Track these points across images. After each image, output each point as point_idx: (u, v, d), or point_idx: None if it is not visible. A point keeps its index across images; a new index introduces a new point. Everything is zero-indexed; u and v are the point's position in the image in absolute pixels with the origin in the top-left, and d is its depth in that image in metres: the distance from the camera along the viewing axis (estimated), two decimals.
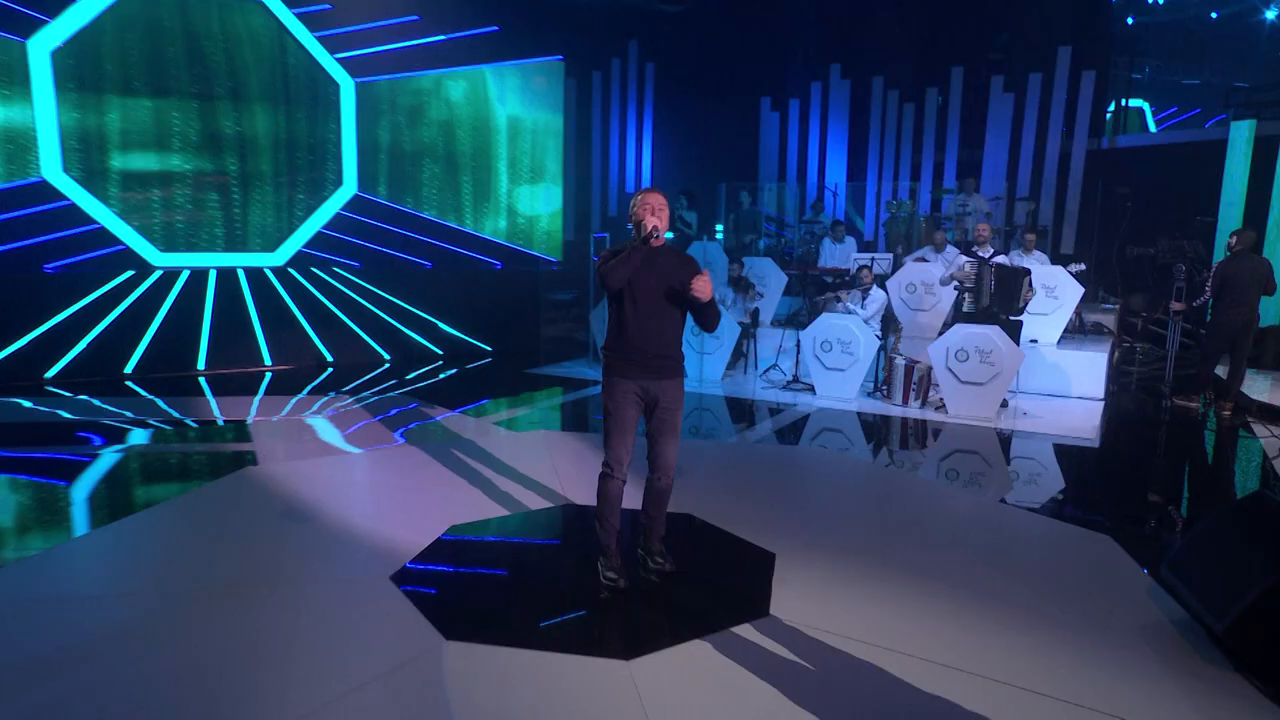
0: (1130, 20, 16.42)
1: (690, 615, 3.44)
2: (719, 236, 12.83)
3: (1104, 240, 10.93)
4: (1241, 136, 11.22)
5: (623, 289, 3.67)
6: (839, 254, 9.91)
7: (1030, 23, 13.38)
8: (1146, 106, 18.87)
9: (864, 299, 8.38)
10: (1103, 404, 7.80)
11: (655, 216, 3.65)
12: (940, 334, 8.65)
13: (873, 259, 9.24)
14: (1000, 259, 7.82)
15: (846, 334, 7.80)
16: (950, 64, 13.79)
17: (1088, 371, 7.90)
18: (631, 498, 4.31)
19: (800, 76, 15.29)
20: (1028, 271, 7.62)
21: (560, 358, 10.41)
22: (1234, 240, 7.30)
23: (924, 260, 9.56)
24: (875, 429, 7.05)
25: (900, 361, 7.65)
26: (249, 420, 6.83)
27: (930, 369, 7.52)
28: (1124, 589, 3.75)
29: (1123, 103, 14.53)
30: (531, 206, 12.24)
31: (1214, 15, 18.00)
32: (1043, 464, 6.10)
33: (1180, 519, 4.94)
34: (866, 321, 8.10)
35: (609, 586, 3.72)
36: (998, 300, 7.53)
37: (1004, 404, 7.39)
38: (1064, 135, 12.79)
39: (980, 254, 7.71)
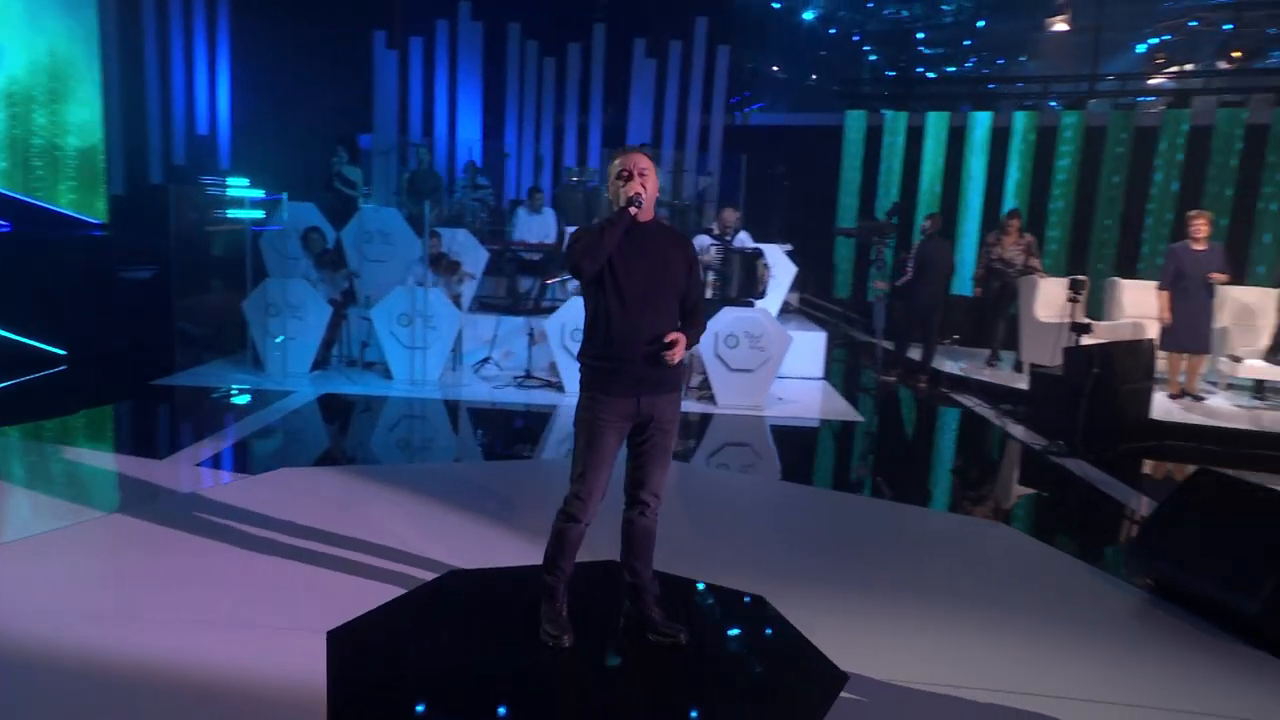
0: None
1: (757, 704, 3.09)
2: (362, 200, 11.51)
3: (763, 218, 12.38)
4: (856, 125, 13.62)
5: (603, 277, 3.16)
6: (537, 226, 9.68)
7: None
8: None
9: None
10: (824, 383, 8.90)
11: (638, 181, 3.19)
12: None
13: None
14: (740, 242, 8.41)
15: None
16: (592, 19, 14.27)
17: (809, 352, 8.93)
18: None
19: (422, 11, 14.46)
20: (760, 252, 8.32)
21: (191, 360, 8.50)
22: (928, 224, 8.87)
23: None
24: (685, 431, 7.11)
25: None
26: None
27: (694, 357, 7.80)
28: (1065, 577, 4.31)
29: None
30: (52, 143, 9.69)
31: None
32: (847, 451, 6.80)
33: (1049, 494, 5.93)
34: None
35: (552, 646, 3.25)
36: (742, 285, 8.10)
37: None
38: (703, 109, 14.15)
39: (727, 239, 8.20)
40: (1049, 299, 8.58)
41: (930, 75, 18.80)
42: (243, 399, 7.26)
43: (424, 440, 6.65)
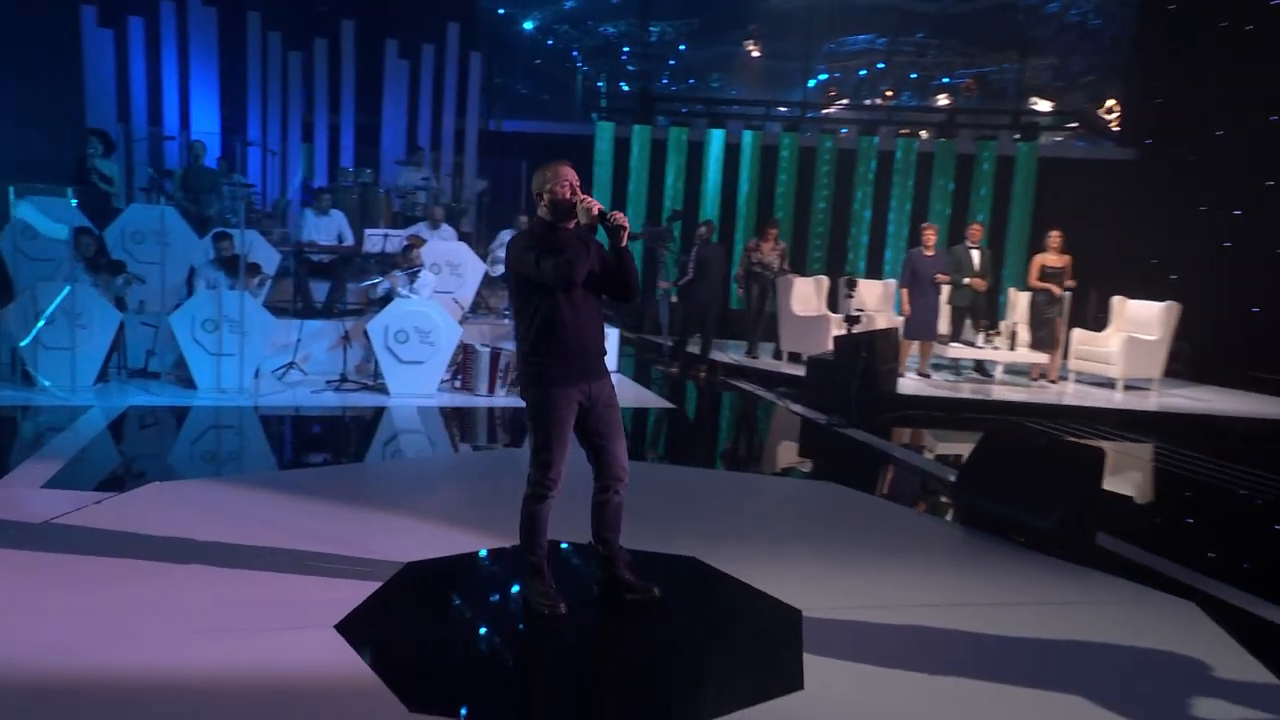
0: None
1: (743, 644, 3.65)
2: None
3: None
4: (605, 135, 14.48)
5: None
6: (325, 228, 9.36)
7: None
8: None
9: (412, 282, 8.35)
10: (618, 374, 9.58)
11: (579, 193, 3.59)
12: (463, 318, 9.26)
13: (386, 235, 9.14)
14: None
15: (425, 322, 7.74)
16: (341, 16, 13.79)
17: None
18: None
19: None
20: None
21: None
22: (704, 229, 9.86)
23: (421, 238, 9.85)
24: (511, 423, 7.45)
25: (485, 350, 8.02)
26: None
27: (515, 355, 8.12)
28: (896, 519, 5.31)
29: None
30: None
31: None
32: (670, 432, 7.52)
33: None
34: None
35: (548, 614, 3.58)
36: None
37: None
38: (457, 113, 14.25)
39: None
40: (803, 296, 9.94)
41: (622, 89, 20.24)
42: (35, 417, 6.46)
43: (277, 447, 6.41)
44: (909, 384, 9.04)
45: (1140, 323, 9.75)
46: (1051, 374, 9.73)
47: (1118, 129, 15.76)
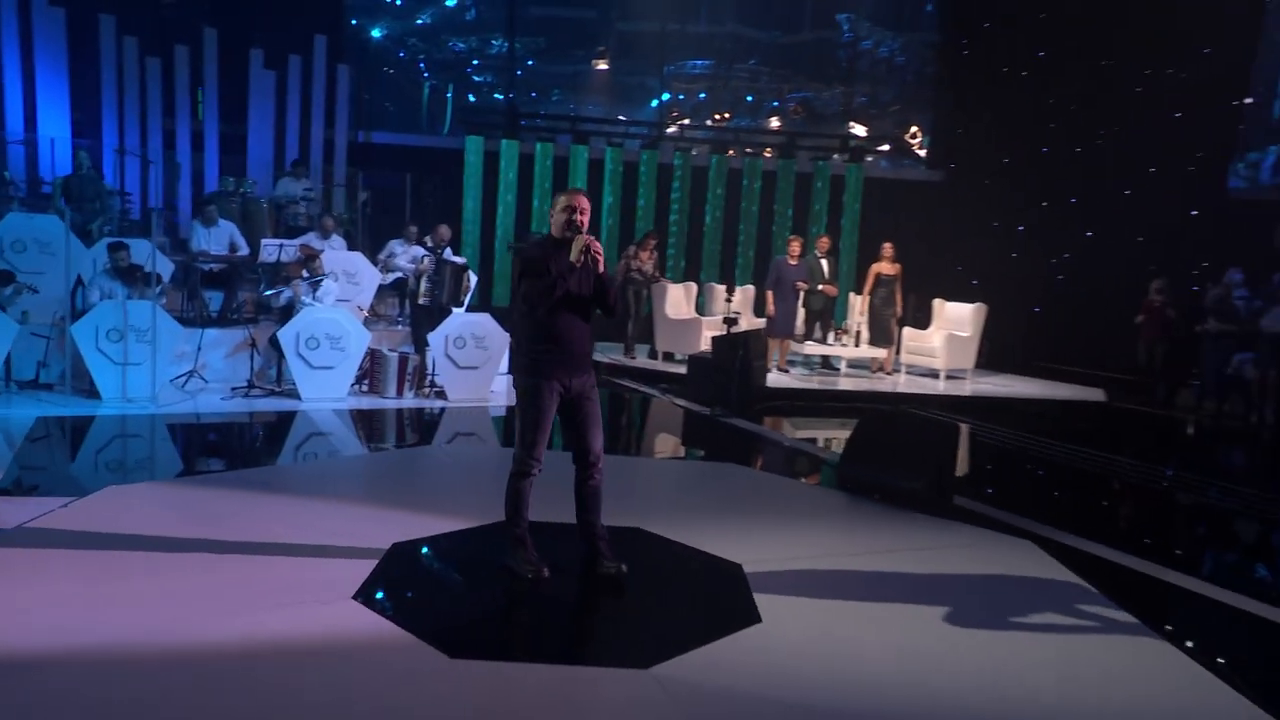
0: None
1: (704, 591, 4.24)
2: None
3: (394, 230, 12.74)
4: (474, 149, 14.71)
5: None
6: (215, 238, 9.19)
7: (285, 3, 14.11)
8: None
9: (315, 291, 8.41)
10: (506, 375, 9.94)
11: (580, 219, 4.03)
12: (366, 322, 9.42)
13: (281, 245, 9.11)
14: (448, 255, 9.11)
15: (336, 328, 7.86)
16: (202, 23, 13.32)
17: None
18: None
19: None
20: (467, 265, 9.15)
21: None
22: None
23: (313, 248, 9.84)
24: (423, 423, 7.71)
25: (393, 354, 8.21)
26: None
27: (421, 359, 8.36)
28: (790, 491, 6.08)
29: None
30: None
31: None
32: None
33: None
34: None
35: (532, 578, 4.02)
36: (450, 294, 8.87)
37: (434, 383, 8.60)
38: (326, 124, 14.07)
39: (439, 252, 8.86)
40: (675, 301, 10.68)
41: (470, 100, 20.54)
42: None
43: (210, 451, 6.44)
44: (772, 378, 9.94)
45: (956, 321, 11.14)
46: (888, 366, 10.93)
47: (922, 153, 17.63)
